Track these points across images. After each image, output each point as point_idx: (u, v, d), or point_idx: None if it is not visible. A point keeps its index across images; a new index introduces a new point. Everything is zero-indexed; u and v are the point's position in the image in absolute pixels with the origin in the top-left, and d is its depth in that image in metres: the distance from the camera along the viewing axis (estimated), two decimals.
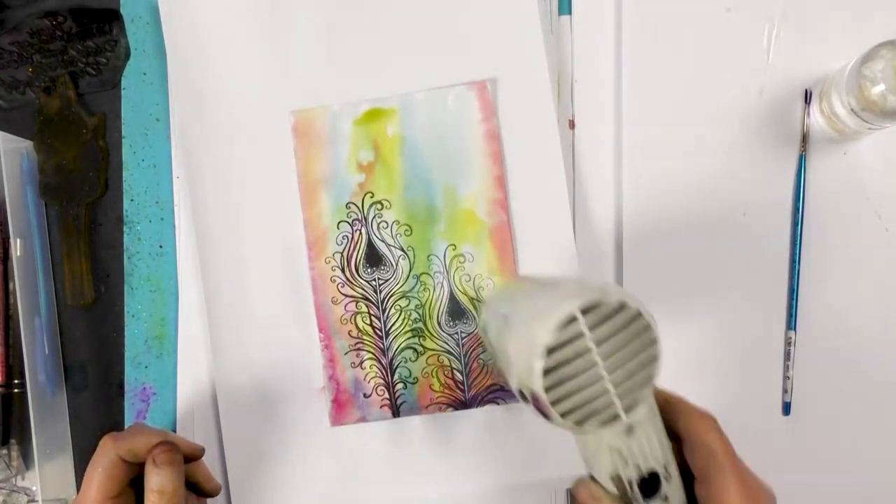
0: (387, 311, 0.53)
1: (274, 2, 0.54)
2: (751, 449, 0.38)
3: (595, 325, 0.34)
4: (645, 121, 0.53)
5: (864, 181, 0.53)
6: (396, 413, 0.53)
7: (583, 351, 0.34)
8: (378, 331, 0.53)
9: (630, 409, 0.35)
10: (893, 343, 0.52)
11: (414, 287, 0.53)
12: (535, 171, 0.53)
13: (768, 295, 0.53)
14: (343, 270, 0.53)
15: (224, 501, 0.53)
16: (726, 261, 0.53)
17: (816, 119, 0.53)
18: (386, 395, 0.53)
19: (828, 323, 0.52)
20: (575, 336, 0.34)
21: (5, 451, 0.54)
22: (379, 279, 0.53)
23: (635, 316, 0.34)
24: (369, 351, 0.53)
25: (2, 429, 0.54)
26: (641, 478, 0.36)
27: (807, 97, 0.53)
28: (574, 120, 0.54)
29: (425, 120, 0.53)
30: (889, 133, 0.51)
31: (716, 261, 0.53)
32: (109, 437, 0.44)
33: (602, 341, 0.34)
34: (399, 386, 0.53)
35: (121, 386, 0.55)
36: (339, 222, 0.53)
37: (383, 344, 0.53)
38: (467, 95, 0.53)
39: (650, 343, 0.35)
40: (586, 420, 0.35)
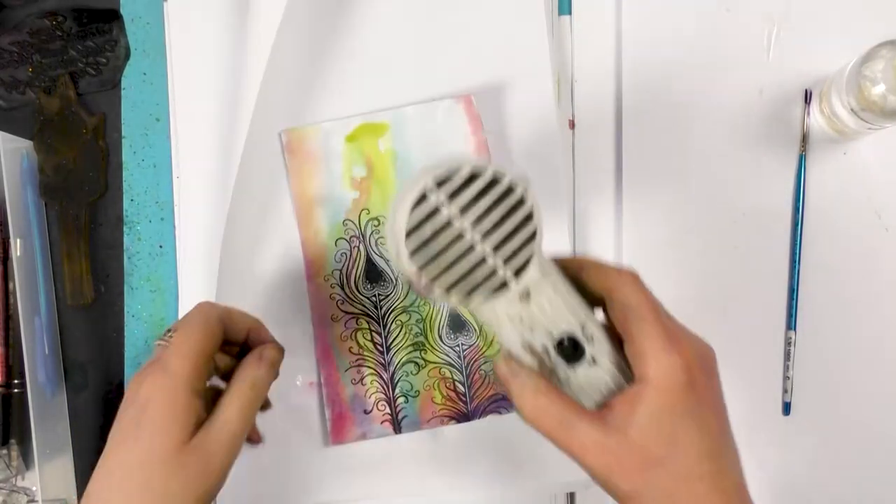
0: (387, 327, 0.53)
1: (260, 14, 0.53)
2: (751, 449, 0.38)
3: (451, 196, 0.34)
4: (645, 121, 0.53)
5: (864, 181, 0.53)
6: (398, 428, 0.52)
7: (445, 224, 0.34)
8: (379, 346, 0.53)
9: (518, 274, 0.35)
10: (893, 343, 0.52)
11: (414, 302, 0.53)
12: (534, 178, 0.52)
13: (768, 295, 0.53)
14: (342, 287, 0.53)
15: None
16: (726, 261, 0.53)
17: (816, 119, 0.53)
18: (387, 411, 0.52)
19: (828, 323, 0.52)
20: (432, 211, 0.34)
21: (5, 451, 0.54)
22: (379, 295, 0.53)
23: (492, 180, 0.34)
24: (370, 367, 0.53)
25: (2, 429, 0.54)
26: (559, 343, 0.36)
27: (807, 97, 0.53)
28: (574, 120, 0.54)
29: (417, 134, 0.53)
30: (889, 133, 0.51)
31: (716, 261, 0.53)
32: (207, 302, 0.42)
33: (464, 210, 0.34)
34: (400, 400, 0.52)
35: (121, 386, 0.55)
36: (337, 239, 0.53)
37: (384, 359, 0.53)
38: (455, 109, 0.53)
39: (519, 203, 0.34)
40: (472, 292, 0.34)
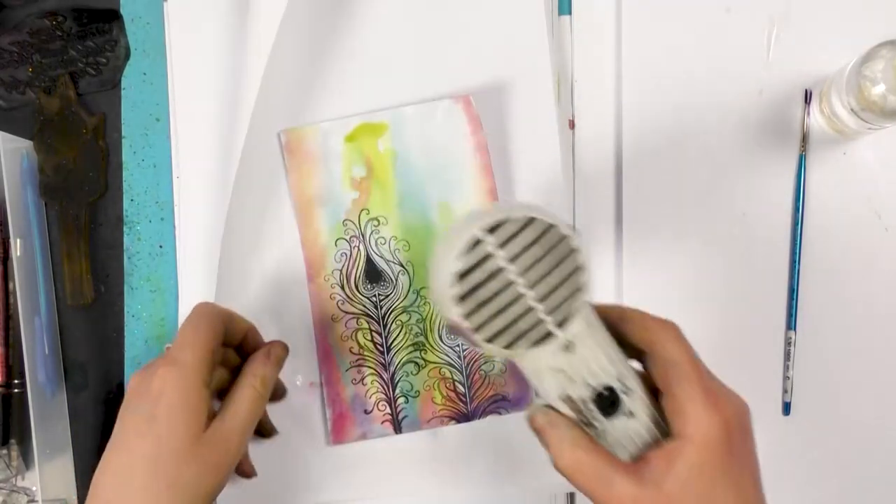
0: (388, 327, 0.53)
1: (260, 14, 0.53)
2: None
3: (503, 244, 0.33)
4: (645, 121, 0.53)
5: (864, 181, 0.53)
6: (398, 428, 0.52)
7: (495, 271, 0.33)
8: (379, 346, 0.53)
9: (563, 325, 0.34)
10: (893, 343, 0.52)
11: (414, 302, 0.53)
12: (534, 178, 0.53)
13: (768, 295, 0.53)
14: (343, 288, 0.53)
15: None
16: (726, 261, 0.53)
17: (816, 119, 0.53)
18: (387, 411, 0.52)
19: (828, 323, 0.52)
20: (484, 258, 0.33)
21: (5, 451, 0.54)
22: (379, 295, 0.53)
23: (547, 228, 0.34)
24: (370, 367, 0.53)
25: (2, 429, 0.54)
26: (597, 395, 0.35)
27: (807, 97, 0.53)
28: (574, 120, 0.54)
29: (416, 134, 0.53)
30: (889, 133, 0.51)
31: (716, 261, 0.53)
32: (206, 302, 0.44)
33: (514, 258, 0.33)
34: (401, 400, 0.52)
35: (121, 386, 0.55)
36: (337, 240, 0.53)
37: (385, 359, 0.53)
38: (454, 109, 0.53)
39: (571, 253, 0.34)
40: (516, 342, 0.34)
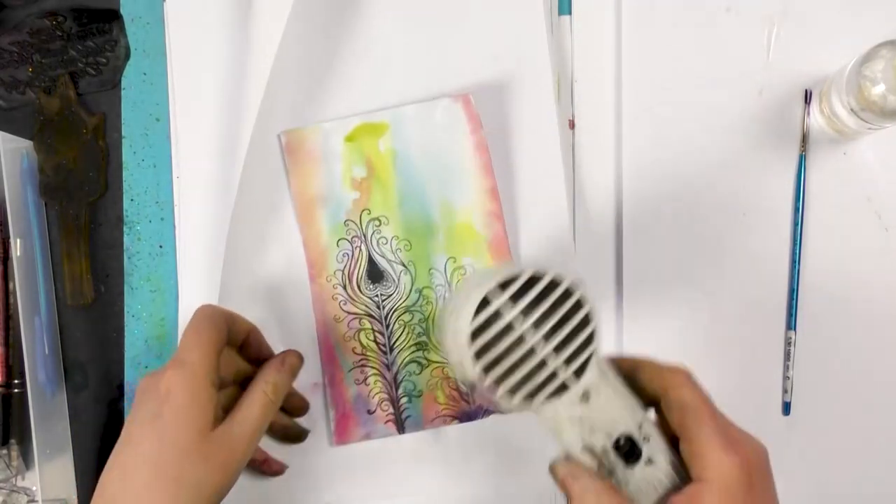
0: (390, 327, 0.53)
1: (260, 14, 0.53)
2: None
3: (512, 302, 0.34)
4: (645, 120, 0.53)
5: (864, 181, 0.53)
6: (402, 428, 0.52)
7: (508, 329, 0.34)
8: (382, 346, 0.53)
9: (578, 375, 0.35)
10: (893, 343, 0.52)
11: (417, 301, 0.53)
12: (534, 178, 0.53)
13: (768, 295, 0.52)
14: (345, 288, 0.53)
15: None
16: (726, 261, 0.53)
17: (816, 119, 0.53)
18: (391, 411, 0.52)
19: (828, 323, 0.52)
20: (494, 314, 0.34)
21: (5, 451, 0.54)
22: (381, 295, 0.53)
23: (552, 283, 0.34)
24: (373, 367, 0.53)
25: (2, 429, 0.54)
26: (616, 443, 0.36)
27: (807, 97, 0.53)
28: (574, 120, 0.54)
29: (416, 134, 0.53)
30: (889, 133, 0.51)
31: (716, 261, 0.53)
32: (208, 305, 0.44)
33: (525, 315, 0.34)
34: (404, 400, 0.52)
35: (121, 386, 0.55)
36: (339, 240, 0.53)
37: (387, 359, 0.53)
38: (454, 108, 0.53)
39: (578, 306, 0.35)
40: (534, 396, 0.35)
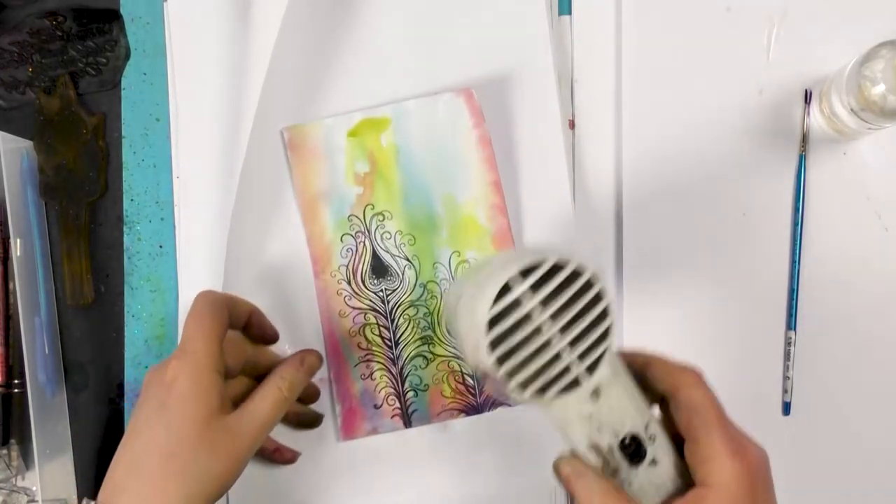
0: (395, 321, 0.53)
1: (260, 13, 0.53)
2: None
3: (532, 291, 0.33)
4: (645, 121, 0.53)
5: (864, 181, 0.53)
6: (408, 422, 0.52)
7: (525, 318, 0.33)
8: (388, 341, 0.53)
9: (590, 372, 0.34)
10: (893, 343, 0.52)
11: (421, 296, 0.53)
12: (537, 171, 0.53)
13: (768, 295, 0.52)
14: (349, 283, 0.53)
15: None
16: (726, 261, 0.53)
17: (816, 119, 0.53)
18: (397, 405, 0.52)
19: (828, 323, 0.52)
20: (514, 305, 0.33)
21: (5, 451, 0.54)
22: (386, 290, 0.53)
23: (573, 275, 0.33)
24: (379, 361, 0.53)
25: (2, 429, 0.54)
26: (622, 442, 0.35)
27: (807, 97, 0.53)
28: (574, 120, 0.54)
29: (418, 128, 0.53)
30: (889, 133, 0.51)
31: (716, 261, 0.53)
32: (206, 290, 0.44)
33: (545, 304, 0.33)
34: (410, 394, 0.52)
35: (121, 386, 0.55)
36: (343, 235, 0.53)
37: (393, 353, 0.53)
38: (456, 102, 0.53)
39: (597, 299, 0.34)
40: (546, 390, 0.34)
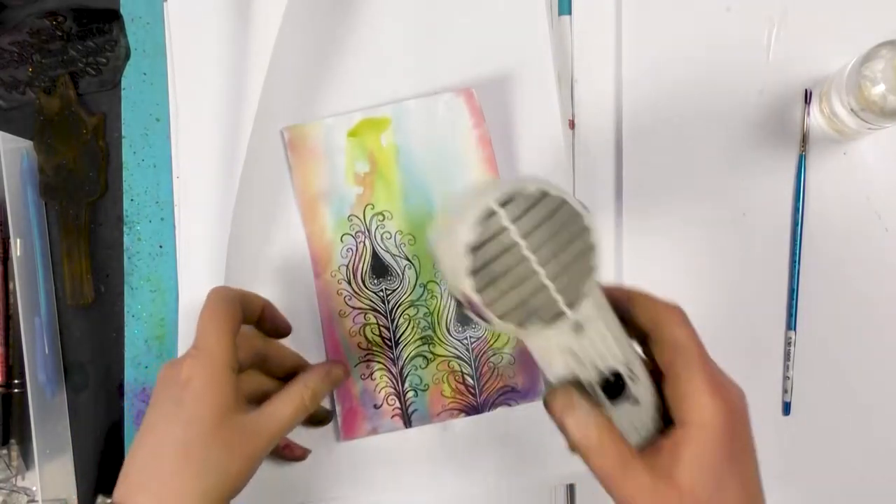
0: (395, 321, 0.53)
1: (260, 13, 0.53)
2: None
3: (518, 218, 0.32)
4: (645, 121, 0.53)
5: (864, 181, 0.53)
6: (408, 422, 0.52)
7: (509, 245, 0.32)
8: (388, 341, 0.53)
9: (573, 305, 0.33)
10: (893, 343, 0.52)
11: (421, 296, 0.53)
12: (537, 171, 0.53)
13: (768, 295, 0.53)
14: (349, 283, 0.53)
15: None
16: (726, 261, 0.53)
17: (816, 119, 0.53)
18: (397, 405, 0.52)
19: (828, 323, 0.52)
20: (498, 231, 0.32)
21: (5, 451, 0.54)
22: (386, 289, 0.53)
23: (560, 204, 0.33)
24: (379, 361, 0.53)
25: (2, 429, 0.54)
26: (605, 380, 0.35)
27: (807, 97, 0.53)
28: (574, 120, 0.54)
29: (419, 128, 0.53)
30: (889, 133, 0.51)
31: (715, 261, 0.53)
32: (219, 286, 0.43)
33: (528, 233, 0.32)
34: (410, 394, 0.52)
35: (121, 386, 0.55)
36: (343, 235, 0.53)
37: (393, 353, 0.53)
38: (456, 102, 0.53)
39: (583, 231, 0.33)
40: (528, 320, 0.33)
